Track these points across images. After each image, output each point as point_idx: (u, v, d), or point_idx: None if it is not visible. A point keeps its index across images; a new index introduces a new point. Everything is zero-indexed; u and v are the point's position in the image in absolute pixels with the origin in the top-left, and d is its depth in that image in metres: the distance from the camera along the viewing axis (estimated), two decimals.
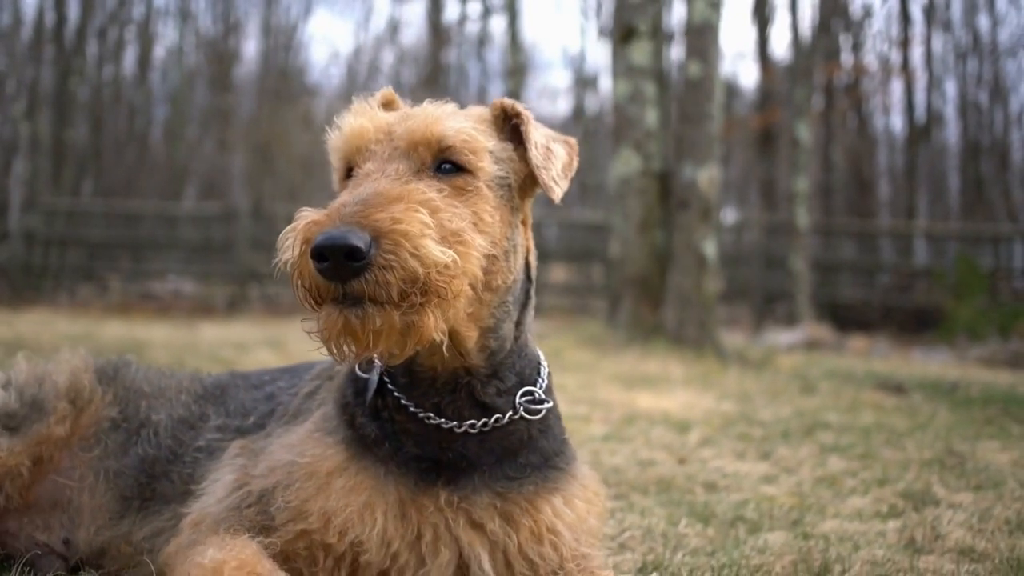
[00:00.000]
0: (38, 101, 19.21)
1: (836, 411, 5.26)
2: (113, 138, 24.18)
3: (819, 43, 16.63)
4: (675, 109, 12.07)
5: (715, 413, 4.99)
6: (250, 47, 33.98)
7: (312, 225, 1.44)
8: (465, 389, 1.73)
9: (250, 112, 25.17)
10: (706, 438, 4.22)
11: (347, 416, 1.77)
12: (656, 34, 9.06)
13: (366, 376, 1.81)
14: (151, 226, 18.11)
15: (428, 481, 1.69)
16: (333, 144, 1.73)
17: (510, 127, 1.78)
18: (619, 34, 9.08)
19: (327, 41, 48.52)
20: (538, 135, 1.75)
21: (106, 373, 2.15)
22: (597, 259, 16.22)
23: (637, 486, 3.15)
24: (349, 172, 1.69)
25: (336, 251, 1.38)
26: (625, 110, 9.03)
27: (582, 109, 26.84)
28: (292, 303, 15.75)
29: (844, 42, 24.29)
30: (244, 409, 2.02)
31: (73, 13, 21.35)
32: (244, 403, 2.04)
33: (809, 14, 24.59)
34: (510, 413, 1.75)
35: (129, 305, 14.55)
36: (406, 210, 1.44)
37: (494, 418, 1.73)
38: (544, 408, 1.80)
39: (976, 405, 5.76)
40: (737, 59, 47.11)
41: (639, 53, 8.89)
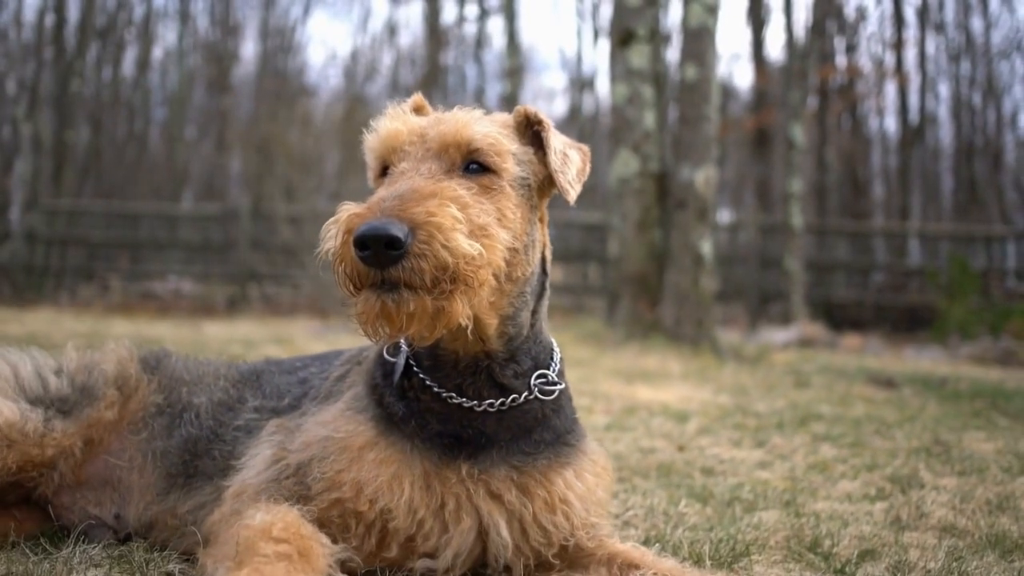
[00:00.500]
0: (39, 102, 19.28)
1: (828, 404, 5.37)
2: (112, 139, 24.25)
3: (813, 45, 16.69)
4: (673, 109, 12.22)
5: (712, 405, 5.10)
6: (248, 49, 34.13)
7: (354, 217, 1.58)
8: (485, 371, 1.87)
9: (248, 113, 25.25)
10: (704, 428, 4.34)
11: (376, 396, 1.91)
12: (654, 38, 9.11)
13: (393, 360, 1.95)
14: (151, 226, 18.11)
15: (450, 455, 1.83)
16: (369, 145, 1.86)
17: (531, 133, 1.91)
18: (618, 38, 9.13)
19: (325, 43, 48.58)
20: (557, 141, 1.89)
21: (149, 362, 2.29)
22: (594, 259, 16.27)
23: (639, 471, 3.30)
24: (384, 170, 1.83)
25: (377, 240, 1.51)
26: (623, 112, 9.10)
27: (579, 110, 26.92)
28: (291, 303, 15.82)
29: (838, 44, 24.48)
30: (279, 392, 2.17)
31: (73, 15, 21.45)
32: (279, 387, 2.19)
33: (803, 16, 24.71)
34: (525, 394, 1.89)
35: (130, 305, 14.59)
36: (439, 205, 1.57)
37: (511, 398, 1.87)
38: (557, 389, 1.95)
39: (964, 399, 5.85)
40: (732, 60, 47.29)
41: (637, 56, 8.96)
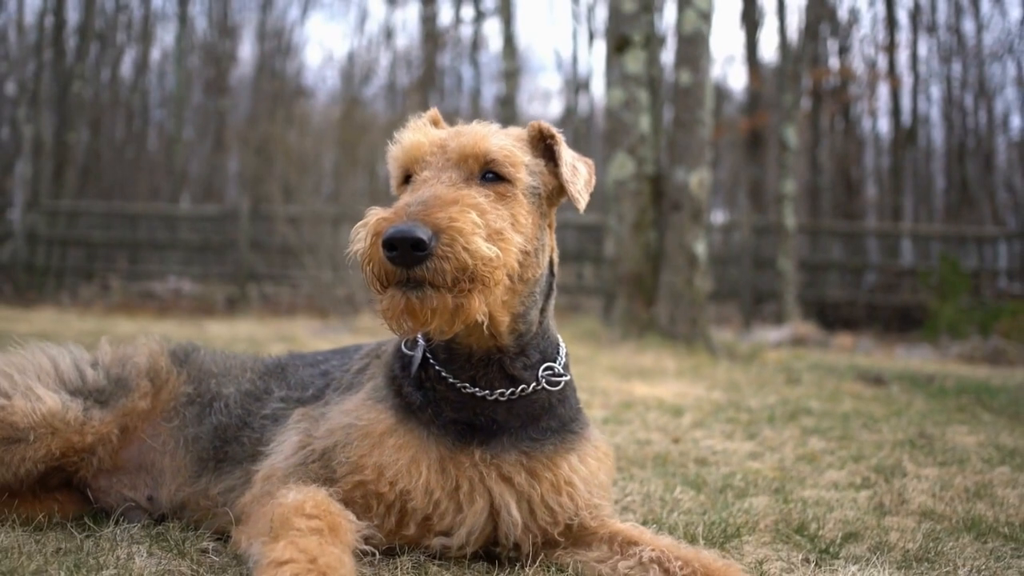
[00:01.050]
0: (40, 104, 19.38)
1: (818, 399, 5.52)
2: (111, 141, 24.34)
3: (807, 48, 16.85)
4: (667, 112, 12.38)
5: (706, 400, 5.26)
6: (246, 50, 34.23)
7: (382, 221, 1.73)
8: (496, 364, 2.02)
9: (246, 114, 25.38)
10: (697, 421, 4.51)
11: (395, 387, 2.06)
12: (649, 43, 9.28)
13: (411, 353, 2.10)
14: (151, 227, 18.25)
15: (464, 441, 1.98)
16: (393, 155, 2.02)
17: (543, 146, 2.07)
18: (614, 44, 9.28)
19: (322, 44, 48.71)
20: (568, 155, 2.05)
21: (178, 356, 2.45)
22: (589, 259, 16.42)
23: (636, 461, 3.47)
24: (406, 179, 1.99)
25: (404, 242, 1.65)
26: (620, 116, 9.26)
27: (574, 111, 27.07)
28: (290, 302, 15.94)
29: (831, 46, 24.67)
30: (303, 383, 2.32)
31: (73, 17, 21.56)
32: (303, 378, 2.34)
33: (797, 19, 24.94)
34: (534, 384, 2.04)
35: (131, 304, 14.71)
36: (460, 211, 1.72)
37: (520, 388, 2.02)
38: (562, 381, 2.10)
39: (950, 395, 5.99)
40: (726, 63, 47.45)
41: (633, 62, 9.13)
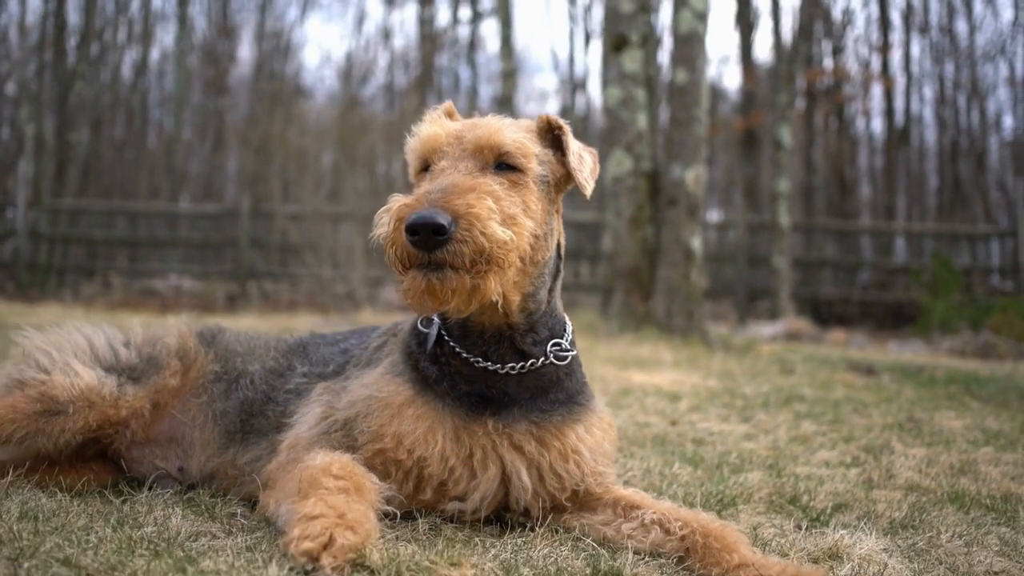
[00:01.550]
0: (41, 104, 19.47)
1: (811, 387, 5.68)
2: (111, 140, 24.42)
3: (801, 48, 17.03)
4: (664, 111, 12.54)
5: (702, 388, 5.42)
6: (245, 51, 34.32)
7: (404, 207, 1.87)
8: (508, 340, 2.17)
9: (245, 114, 25.49)
10: (694, 406, 4.67)
11: (412, 362, 2.21)
12: (646, 43, 9.44)
13: (426, 331, 2.25)
14: (152, 225, 18.34)
15: (477, 412, 2.12)
16: (411, 146, 2.16)
17: (551, 137, 2.22)
18: (611, 43, 9.43)
19: (320, 45, 48.77)
20: (574, 145, 2.19)
21: (205, 336, 2.59)
22: (586, 257, 16.56)
23: (635, 441, 3.62)
24: (423, 168, 2.14)
25: (426, 227, 1.80)
26: (617, 114, 9.42)
27: (571, 111, 27.20)
28: (290, 299, 16.06)
29: (825, 47, 24.88)
30: (324, 360, 2.47)
31: (73, 18, 21.66)
32: (324, 356, 2.49)
33: (791, 20, 25.11)
34: (542, 359, 2.18)
35: (132, 302, 14.78)
36: (478, 198, 1.87)
37: (530, 362, 2.17)
38: (569, 356, 2.25)
39: (939, 384, 6.17)
40: (721, 63, 47.74)
41: (630, 61, 9.28)
